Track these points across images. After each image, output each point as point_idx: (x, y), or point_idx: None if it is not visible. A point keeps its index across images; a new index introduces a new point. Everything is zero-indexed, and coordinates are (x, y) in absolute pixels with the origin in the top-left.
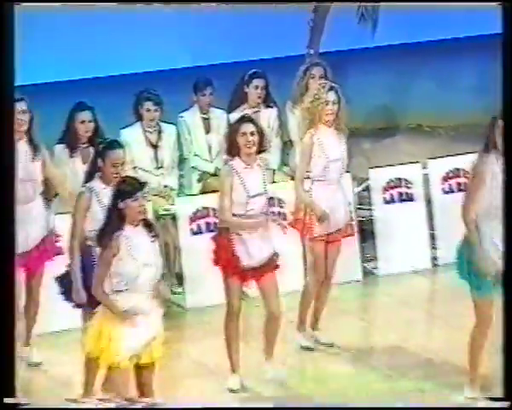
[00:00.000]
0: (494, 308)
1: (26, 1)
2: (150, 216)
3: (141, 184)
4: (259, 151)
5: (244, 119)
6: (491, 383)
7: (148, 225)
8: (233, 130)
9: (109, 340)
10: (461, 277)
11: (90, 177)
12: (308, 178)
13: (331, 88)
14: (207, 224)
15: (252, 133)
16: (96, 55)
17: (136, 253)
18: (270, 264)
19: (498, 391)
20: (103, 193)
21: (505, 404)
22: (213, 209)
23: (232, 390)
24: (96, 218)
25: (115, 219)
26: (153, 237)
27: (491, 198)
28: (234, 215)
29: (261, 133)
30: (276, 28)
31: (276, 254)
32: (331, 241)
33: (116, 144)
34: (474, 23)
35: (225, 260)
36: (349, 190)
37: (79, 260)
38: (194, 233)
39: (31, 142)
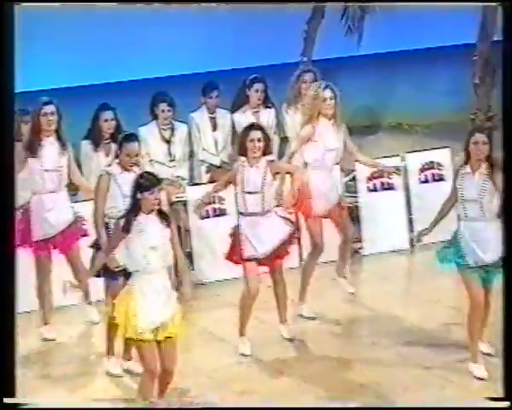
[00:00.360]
0: (478, 289)
1: (26, 1)
2: (165, 205)
3: (158, 180)
4: (264, 154)
5: (254, 126)
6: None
7: (161, 214)
8: (243, 134)
9: (132, 316)
10: (440, 260)
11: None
12: (306, 164)
13: (327, 86)
14: (214, 209)
15: (259, 140)
16: (116, 61)
17: (145, 237)
18: (278, 253)
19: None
20: (120, 177)
21: (505, 404)
22: (219, 197)
23: (243, 355)
24: (114, 197)
25: (133, 207)
26: (165, 225)
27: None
28: (241, 213)
29: (267, 139)
30: (273, 39)
31: (286, 242)
32: (331, 217)
33: (133, 138)
34: (446, 34)
35: (234, 253)
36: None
37: (104, 234)
38: (203, 217)
39: (59, 139)
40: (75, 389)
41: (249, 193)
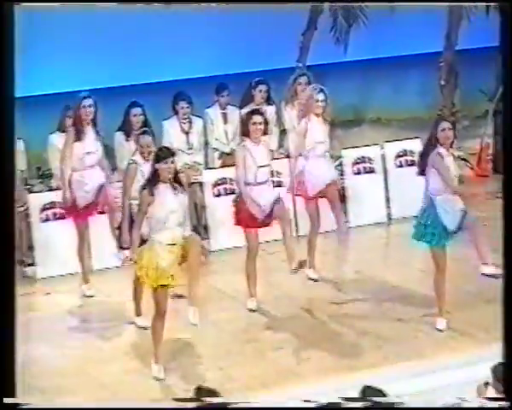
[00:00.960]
0: (445, 256)
1: (27, 1)
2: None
3: (171, 153)
4: (264, 134)
5: (255, 111)
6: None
7: (176, 182)
8: (247, 118)
9: (152, 268)
10: (417, 238)
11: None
12: (300, 155)
13: (321, 90)
14: (225, 189)
15: (260, 123)
16: (143, 65)
17: (165, 202)
18: (278, 207)
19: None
20: (143, 166)
21: (505, 404)
22: (230, 179)
23: (251, 310)
24: (138, 182)
25: (153, 176)
26: (180, 191)
27: (438, 179)
28: (247, 183)
29: (266, 123)
30: (274, 47)
31: (278, 200)
32: (326, 196)
33: (146, 132)
34: (417, 44)
35: (244, 218)
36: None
37: (127, 213)
38: (216, 196)
39: (95, 127)
40: (109, 337)
41: (261, 166)
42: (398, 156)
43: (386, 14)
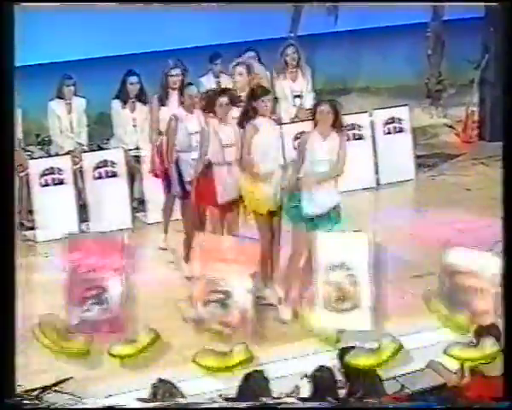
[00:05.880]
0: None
1: (26, 1)
2: None
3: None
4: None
5: (222, 92)
6: None
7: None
8: (213, 97)
9: None
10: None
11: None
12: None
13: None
14: None
15: (226, 104)
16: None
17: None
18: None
19: None
20: (185, 118)
21: (505, 404)
22: None
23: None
24: (180, 136)
25: (249, 112)
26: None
27: None
28: (216, 163)
29: (233, 102)
30: (269, 20)
31: None
32: None
33: (191, 84)
34: (406, 14)
35: (207, 196)
36: None
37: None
38: None
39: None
40: None
41: (227, 146)
42: (387, 123)
43: None
